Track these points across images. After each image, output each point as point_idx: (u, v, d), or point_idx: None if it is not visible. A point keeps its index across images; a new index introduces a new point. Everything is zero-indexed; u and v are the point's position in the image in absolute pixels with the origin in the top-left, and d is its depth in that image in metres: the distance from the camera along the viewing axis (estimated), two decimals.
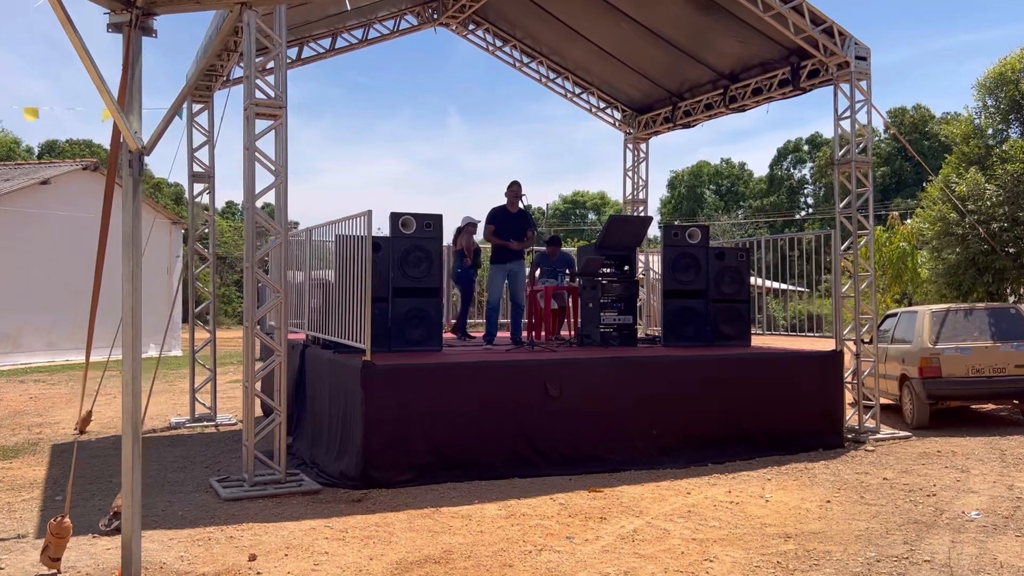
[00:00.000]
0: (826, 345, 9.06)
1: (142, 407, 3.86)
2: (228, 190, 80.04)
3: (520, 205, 9.11)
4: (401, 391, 6.89)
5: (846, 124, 9.77)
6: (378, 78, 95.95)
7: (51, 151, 54.78)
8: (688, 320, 9.37)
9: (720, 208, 63.95)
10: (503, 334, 10.12)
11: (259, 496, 6.48)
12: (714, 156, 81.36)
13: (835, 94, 9.87)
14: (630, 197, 13.51)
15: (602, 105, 13.54)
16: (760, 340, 10.48)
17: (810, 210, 59.12)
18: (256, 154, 6.82)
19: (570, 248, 11.77)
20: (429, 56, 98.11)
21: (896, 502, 6.39)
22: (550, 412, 7.32)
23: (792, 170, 62.61)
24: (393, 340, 8.33)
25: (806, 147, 61.92)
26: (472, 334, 10.65)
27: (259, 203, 6.80)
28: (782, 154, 62.81)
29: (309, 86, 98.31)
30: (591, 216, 70.24)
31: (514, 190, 9.07)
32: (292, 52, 11.48)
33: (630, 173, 13.60)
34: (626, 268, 9.47)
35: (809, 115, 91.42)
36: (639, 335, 10.12)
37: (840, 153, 9.87)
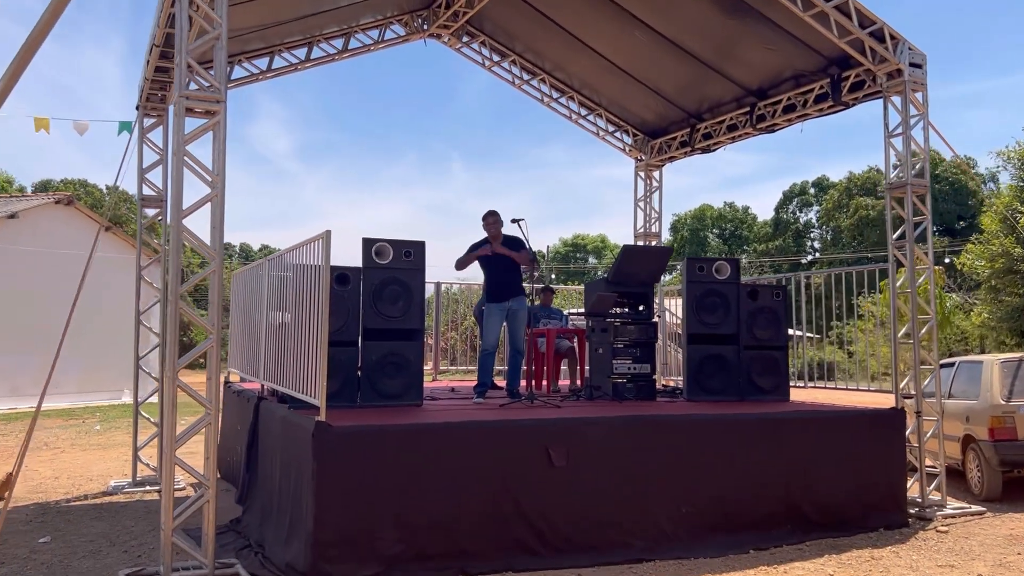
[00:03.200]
0: (874, 400, 7.62)
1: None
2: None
3: (519, 233, 7.65)
4: (365, 460, 5.41)
5: (898, 143, 8.42)
6: (383, 124, 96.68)
7: (44, 191, 53.69)
8: (716, 370, 7.97)
9: (724, 252, 62.74)
10: (500, 381, 8.70)
11: None
12: (716, 201, 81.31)
13: (885, 108, 8.52)
14: (642, 230, 12.11)
15: (611, 128, 12.22)
16: (797, 394, 9.03)
17: (816, 254, 57.84)
18: (186, 158, 5.42)
19: (573, 287, 10.34)
20: (433, 101, 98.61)
21: None
22: (555, 486, 5.83)
23: (798, 213, 61.48)
24: (363, 393, 6.94)
25: (812, 190, 60.88)
26: (497, 382, 9.09)
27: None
28: (788, 197, 61.74)
29: (313, 133, 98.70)
30: (591, 260, 69.33)
31: (489, 221, 7.69)
32: (263, 62, 10.19)
33: (642, 204, 12.23)
34: (641, 308, 8.05)
35: (812, 161, 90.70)
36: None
37: (893, 175, 8.49)
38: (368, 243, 7.07)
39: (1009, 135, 74.63)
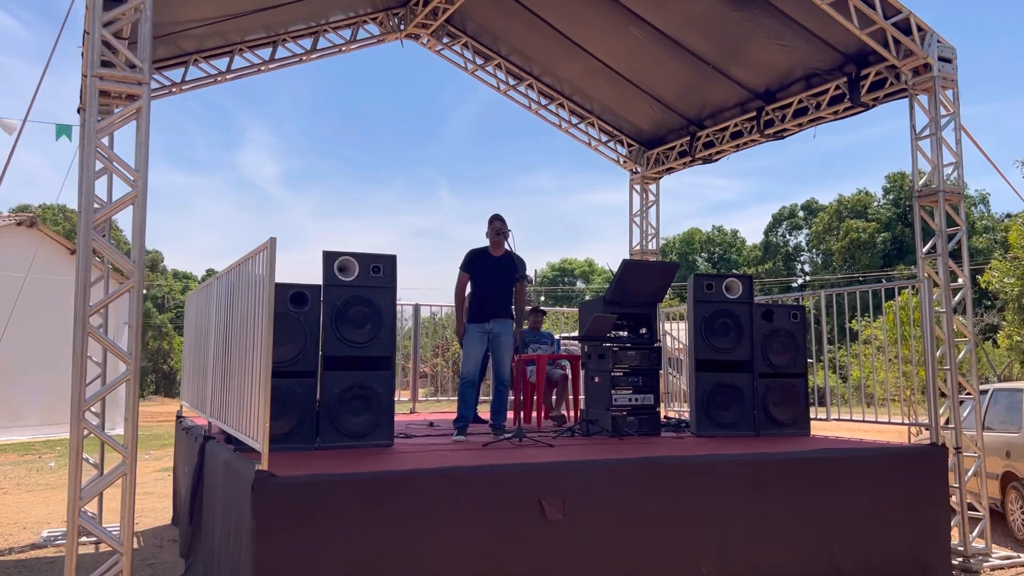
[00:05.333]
0: (888, 433, 6.69)
1: None
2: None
3: (506, 247, 6.78)
4: (316, 518, 4.41)
5: (926, 146, 7.57)
6: (370, 151, 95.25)
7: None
8: (728, 401, 7.05)
9: (710, 270, 62.19)
10: (485, 412, 7.74)
11: None
12: (703, 225, 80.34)
13: (911, 108, 7.68)
14: (638, 247, 11.22)
15: (603, 138, 11.36)
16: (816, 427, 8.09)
17: (807, 277, 57.25)
18: (98, 150, 4.46)
19: (570, 309, 9.41)
20: (420, 128, 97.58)
21: None
22: (549, 545, 4.84)
23: (788, 236, 60.98)
24: (323, 432, 5.95)
25: (801, 213, 60.44)
26: (482, 414, 8.13)
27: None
28: (777, 220, 61.27)
29: (299, 158, 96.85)
30: (579, 284, 68.58)
31: (496, 226, 6.75)
32: (222, 63, 9.27)
33: (637, 219, 11.35)
34: (643, 331, 7.12)
35: (799, 187, 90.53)
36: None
37: (921, 182, 7.62)
38: (329, 257, 6.14)
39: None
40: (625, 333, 7.09)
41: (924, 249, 7.56)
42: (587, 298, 56.58)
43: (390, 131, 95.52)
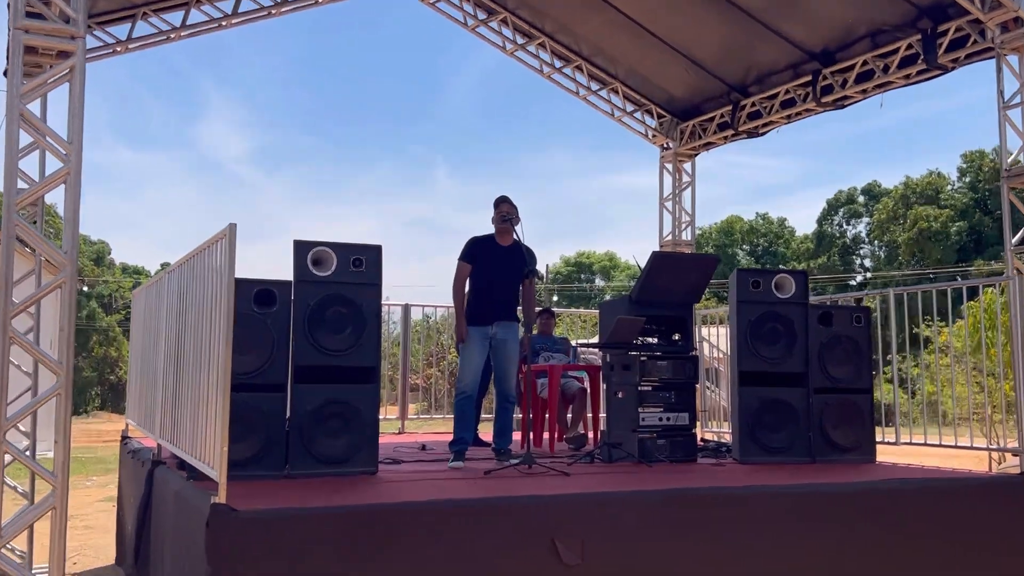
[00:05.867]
0: (967, 458, 6.57)
1: None
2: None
3: (515, 236, 6.71)
4: (283, 561, 4.31)
5: (1016, 116, 7.42)
6: (356, 126, 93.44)
7: None
8: (778, 421, 6.98)
9: (752, 264, 61.75)
10: (487, 433, 7.71)
11: None
12: (745, 213, 78.47)
13: (998, 71, 7.54)
14: (669, 238, 11.11)
15: (629, 107, 11.25)
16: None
17: (868, 274, 57.02)
18: (23, 118, 4.36)
19: (587, 310, 9.34)
20: (415, 100, 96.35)
21: None
22: None
23: (845, 226, 60.72)
24: (294, 456, 5.85)
25: (862, 198, 60.20)
26: (483, 436, 8.05)
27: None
28: (833, 207, 61.00)
29: (273, 134, 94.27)
30: (598, 281, 68.14)
31: (503, 210, 6.67)
32: (176, 17, 9.16)
33: (668, 204, 11.24)
34: (677, 337, 7.02)
35: (859, 167, 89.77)
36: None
37: (1010, 160, 7.48)
38: (302, 247, 6.06)
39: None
40: (655, 339, 7.01)
41: (1014, 240, 7.42)
42: (607, 297, 56.40)
43: (379, 103, 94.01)
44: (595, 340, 8.60)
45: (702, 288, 7.03)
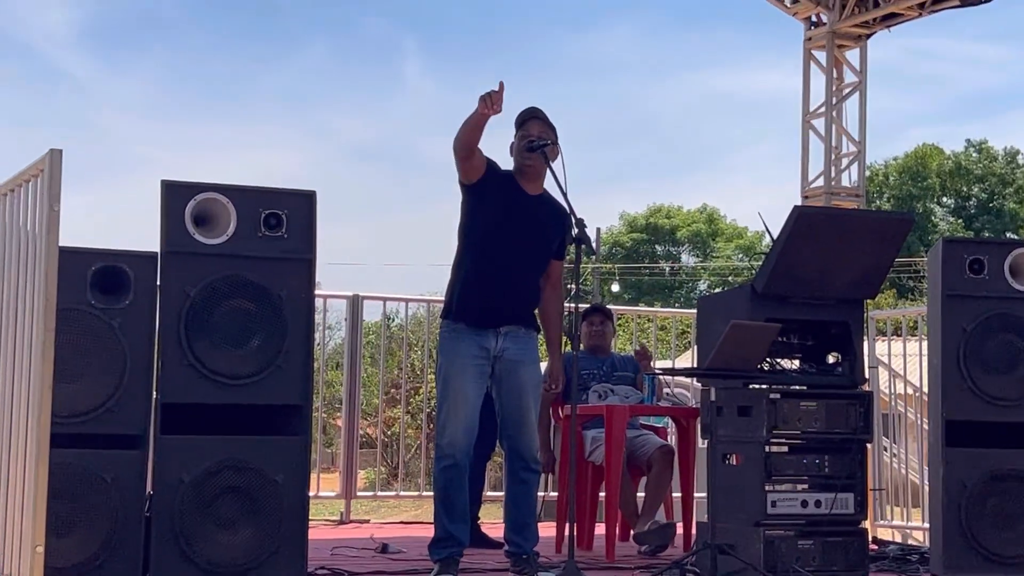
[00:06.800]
0: None
1: None
2: None
3: (554, 179, 4.54)
4: None
5: None
6: None
7: None
8: (1013, 508, 4.93)
9: (960, 230, 39.93)
10: (491, 528, 5.84)
11: None
12: (949, 140, 55.17)
13: None
14: (819, 183, 8.67)
15: None
16: None
17: None
18: None
19: (670, 310, 6.90)
20: None
21: None
22: None
23: None
24: (159, 562, 4.06)
25: None
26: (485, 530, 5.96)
27: None
28: None
29: (124, 6, 63.07)
30: (686, 259, 46.42)
31: (533, 132, 4.54)
32: None
33: (819, 124, 8.76)
34: (835, 358, 5.06)
35: None
36: None
37: None
38: (176, 194, 4.26)
39: None
40: (796, 362, 5.03)
41: None
42: (703, 288, 41.05)
43: None
44: (690, 363, 6.41)
45: (882, 272, 4.97)
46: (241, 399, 4.04)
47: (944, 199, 43.18)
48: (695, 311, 5.96)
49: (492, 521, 5.69)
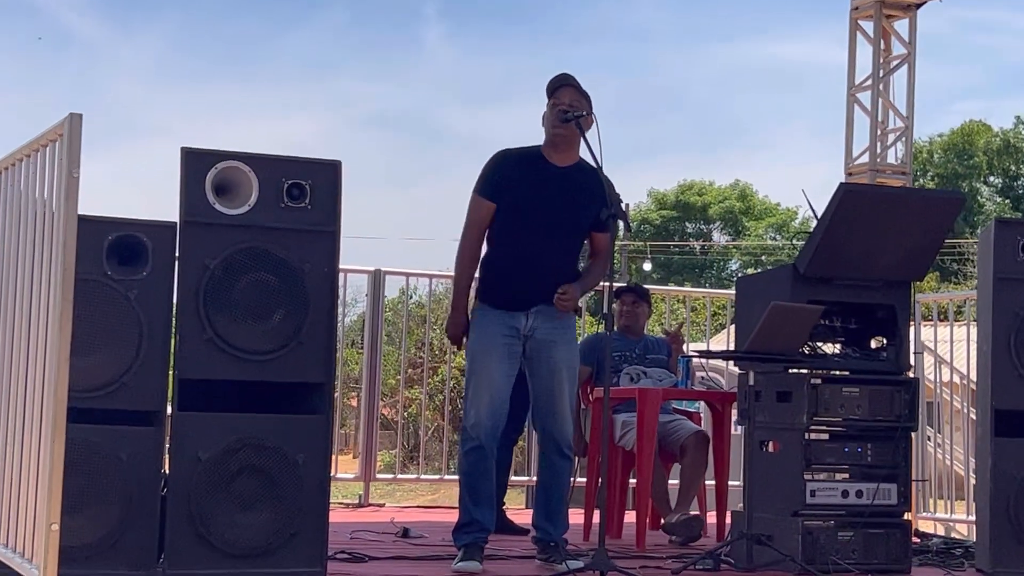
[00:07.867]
0: None
1: None
2: None
3: (588, 148, 4.38)
4: None
5: None
6: None
7: None
8: None
9: (1007, 210, 38.84)
10: (518, 517, 5.68)
11: None
12: (999, 116, 52.24)
13: None
14: (864, 160, 8.46)
15: None
16: None
17: None
18: None
19: (705, 290, 6.68)
20: None
21: None
22: None
23: None
24: (175, 543, 3.91)
25: None
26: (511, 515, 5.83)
27: None
28: None
29: None
30: (717, 237, 45.66)
31: (565, 100, 4.33)
32: None
33: (865, 98, 8.55)
34: (879, 343, 4.90)
35: None
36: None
37: None
38: (197, 162, 4.19)
39: None
40: (838, 347, 4.86)
41: None
42: (737, 268, 40.99)
43: None
44: (723, 346, 6.22)
45: (931, 254, 4.81)
46: (261, 376, 3.93)
47: (991, 178, 41.52)
48: (728, 291, 5.76)
49: (519, 506, 5.56)
